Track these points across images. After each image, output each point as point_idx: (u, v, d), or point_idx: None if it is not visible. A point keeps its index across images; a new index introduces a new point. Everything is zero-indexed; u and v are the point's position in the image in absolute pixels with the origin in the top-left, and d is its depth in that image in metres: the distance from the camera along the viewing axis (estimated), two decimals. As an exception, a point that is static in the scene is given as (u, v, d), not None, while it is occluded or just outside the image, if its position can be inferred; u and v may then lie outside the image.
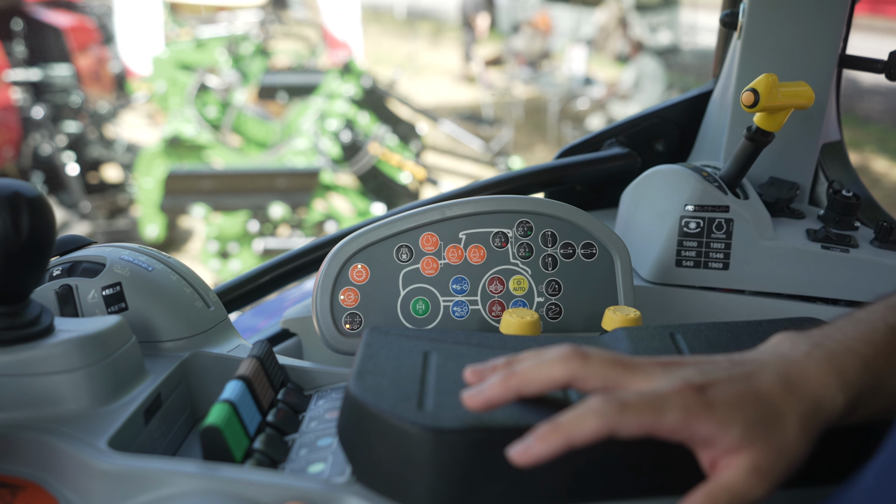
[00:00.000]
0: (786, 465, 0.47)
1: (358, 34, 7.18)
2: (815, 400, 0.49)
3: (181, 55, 5.39)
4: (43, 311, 0.59)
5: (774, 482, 0.47)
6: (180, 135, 4.89)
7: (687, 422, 0.47)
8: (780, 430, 0.47)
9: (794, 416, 0.48)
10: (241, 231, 4.53)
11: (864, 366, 0.50)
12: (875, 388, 0.50)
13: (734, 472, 0.47)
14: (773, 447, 0.47)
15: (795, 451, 0.48)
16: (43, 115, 5.18)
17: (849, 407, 0.49)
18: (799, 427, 0.48)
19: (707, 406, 0.47)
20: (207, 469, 0.53)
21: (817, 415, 0.48)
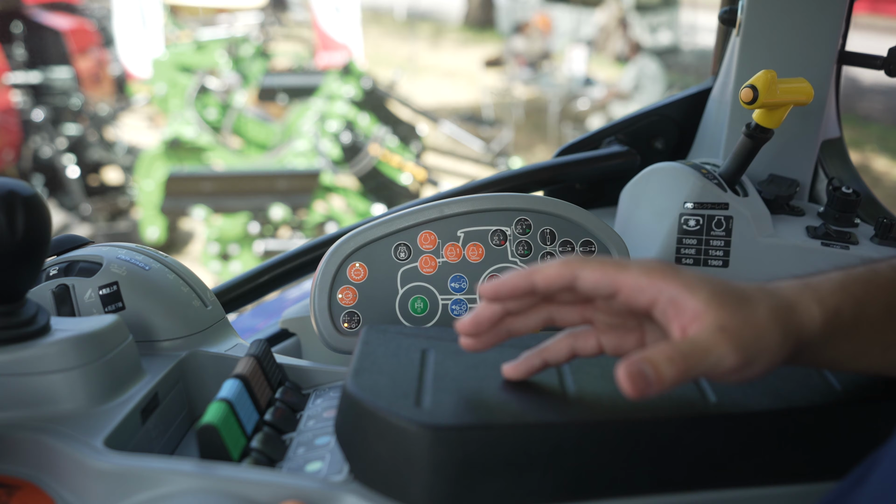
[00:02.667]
0: (756, 339, 0.47)
1: (358, 35, 7.17)
2: (788, 301, 0.49)
3: (181, 57, 5.39)
4: (39, 311, 0.59)
5: (744, 351, 0.47)
6: (180, 137, 4.89)
7: (652, 281, 0.48)
8: (749, 307, 0.48)
9: (765, 305, 0.48)
10: (242, 233, 4.53)
11: (841, 287, 0.50)
12: (856, 314, 0.50)
13: (700, 330, 0.47)
14: (741, 316, 0.47)
15: (768, 333, 0.48)
16: (43, 117, 5.18)
17: (828, 325, 0.49)
18: (770, 315, 0.48)
19: (675, 271, 0.49)
20: (204, 468, 0.53)
21: (791, 315, 0.49)
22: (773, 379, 0.56)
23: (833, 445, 0.54)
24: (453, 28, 14.74)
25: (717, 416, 0.52)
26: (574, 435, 0.51)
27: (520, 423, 0.50)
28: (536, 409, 0.52)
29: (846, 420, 0.54)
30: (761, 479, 0.54)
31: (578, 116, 8.11)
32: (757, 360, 0.48)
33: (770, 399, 0.54)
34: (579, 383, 0.56)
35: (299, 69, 6.02)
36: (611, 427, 0.51)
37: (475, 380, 0.56)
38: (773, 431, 0.53)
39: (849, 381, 0.56)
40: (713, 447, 0.52)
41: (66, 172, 5.19)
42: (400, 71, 6.06)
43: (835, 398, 0.54)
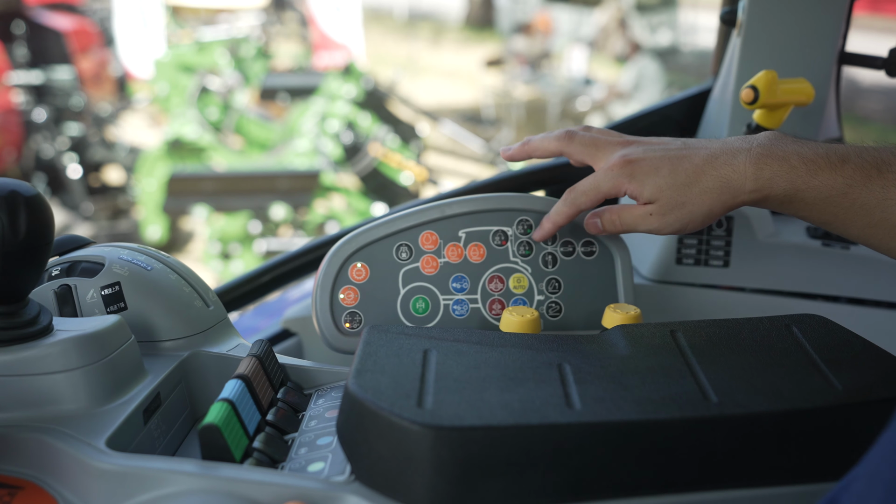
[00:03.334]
0: (681, 214, 0.68)
1: (359, 35, 7.17)
2: (725, 179, 0.66)
3: (182, 57, 5.39)
4: (41, 311, 0.59)
5: (667, 222, 0.69)
6: (182, 137, 4.89)
7: (618, 186, 0.70)
8: (684, 193, 0.67)
9: (701, 188, 0.67)
10: (243, 232, 4.53)
11: (786, 173, 0.65)
12: (791, 194, 0.65)
13: (635, 208, 0.71)
14: (672, 203, 0.68)
15: (696, 208, 0.68)
16: (45, 117, 5.19)
17: (757, 195, 0.66)
18: (703, 195, 0.67)
19: (630, 175, 0.69)
20: (206, 468, 0.53)
21: (725, 189, 0.66)
22: (773, 379, 0.57)
23: (834, 446, 0.54)
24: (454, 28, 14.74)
25: (718, 417, 0.52)
26: (576, 435, 0.51)
27: (521, 424, 0.50)
28: (538, 409, 0.52)
29: (847, 421, 0.54)
30: (762, 479, 0.54)
31: (579, 116, 8.11)
32: (671, 226, 0.69)
33: (771, 400, 0.54)
34: (580, 384, 0.56)
35: (300, 69, 6.02)
36: (612, 428, 0.51)
37: (477, 380, 0.56)
38: (775, 432, 0.53)
39: (850, 382, 0.56)
40: (714, 448, 0.53)
41: (68, 172, 5.19)
42: (400, 71, 6.06)
43: (836, 399, 0.54)
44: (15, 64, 5.25)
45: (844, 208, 0.64)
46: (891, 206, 0.62)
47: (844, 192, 0.63)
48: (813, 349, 0.61)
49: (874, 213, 0.63)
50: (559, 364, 0.59)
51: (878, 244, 0.66)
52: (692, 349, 0.61)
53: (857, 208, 0.64)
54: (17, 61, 5.27)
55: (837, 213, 0.65)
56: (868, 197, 0.63)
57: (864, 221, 0.64)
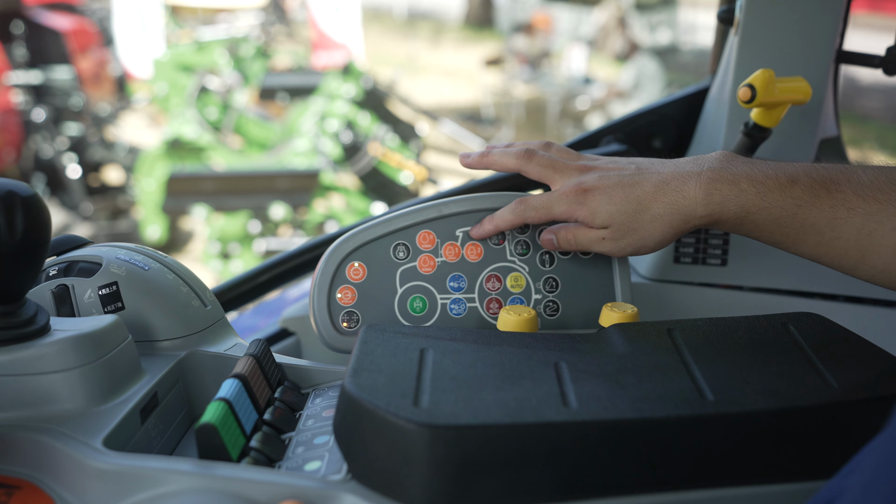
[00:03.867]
0: (634, 239, 0.71)
1: (358, 35, 7.17)
2: (676, 206, 0.68)
3: (182, 57, 5.39)
4: (38, 311, 0.59)
5: (620, 246, 0.72)
6: (181, 137, 4.89)
7: (570, 212, 0.72)
8: (636, 220, 0.70)
9: (652, 214, 0.69)
10: (243, 232, 4.53)
11: (736, 197, 0.66)
12: (741, 217, 0.67)
13: (590, 231, 0.73)
14: (624, 229, 0.70)
15: (647, 234, 0.70)
16: (44, 117, 5.18)
17: (709, 219, 0.68)
18: (654, 221, 0.69)
19: (583, 203, 0.71)
20: (203, 467, 0.53)
21: (676, 215, 0.68)
22: (770, 378, 0.57)
23: (830, 444, 0.54)
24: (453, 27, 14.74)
25: (714, 415, 0.52)
26: (572, 434, 0.51)
27: (518, 423, 0.50)
28: (534, 408, 0.52)
29: (843, 419, 0.54)
30: (758, 477, 0.54)
31: (578, 115, 8.11)
32: (629, 246, 0.72)
33: (767, 398, 0.54)
34: (577, 382, 0.56)
35: (300, 69, 6.02)
36: (608, 426, 0.51)
37: (473, 379, 0.56)
38: (771, 430, 0.53)
39: (846, 380, 0.56)
40: (710, 446, 0.53)
41: (67, 172, 5.19)
42: (400, 70, 6.06)
43: (831, 397, 0.54)
44: (14, 64, 5.25)
45: (794, 229, 0.65)
46: (840, 224, 0.63)
47: (794, 213, 0.65)
48: (809, 347, 0.61)
49: (824, 233, 0.64)
50: (556, 363, 0.59)
51: (829, 262, 0.66)
52: (689, 348, 0.61)
53: (807, 228, 0.65)
54: (16, 61, 5.27)
55: (788, 234, 0.66)
56: (817, 217, 0.64)
57: (814, 241, 0.65)
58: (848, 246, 0.64)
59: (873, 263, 0.63)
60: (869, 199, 0.63)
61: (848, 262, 0.65)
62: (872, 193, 0.63)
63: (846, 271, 0.67)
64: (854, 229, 0.63)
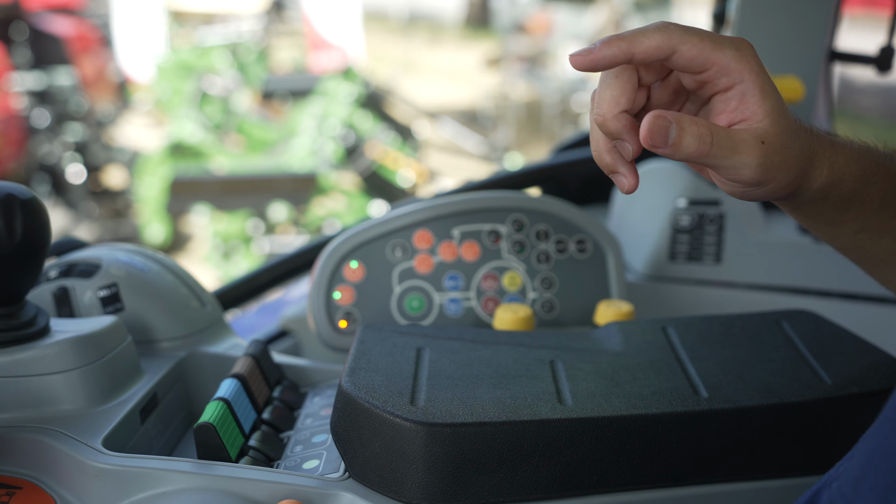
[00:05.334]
0: (778, 168, 0.49)
1: (359, 36, 7.17)
2: (812, 151, 0.51)
3: (183, 61, 5.41)
4: (39, 313, 0.60)
5: (765, 173, 0.48)
6: (183, 139, 4.90)
7: (740, 67, 0.48)
8: (792, 138, 0.49)
9: (800, 144, 0.50)
10: (244, 233, 4.54)
11: (856, 159, 0.51)
12: (855, 189, 0.52)
13: (744, 131, 0.48)
14: (782, 141, 0.49)
15: (787, 169, 0.50)
16: (46, 121, 5.20)
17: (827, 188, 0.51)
18: (799, 155, 0.50)
19: (759, 64, 0.49)
20: (202, 467, 0.54)
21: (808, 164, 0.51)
22: (763, 374, 0.57)
23: (823, 439, 0.54)
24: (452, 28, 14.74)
25: (708, 411, 0.53)
26: (567, 431, 0.51)
27: (513, 420, 0.51)
28: (530, 405, 0.53)
29: (836, 414, 0.55)
30: (752, 473, 0.54)
31: (576, 115, 8.10)
32: (765, 186, 0.49)
33: (761, 395, 0.54)
34: (572, 380, 0.56)
35: (300, 71, 6.03)
36: (603, 423, 0.52)
37: (470, 377, 0.56)
38: (764, 426, 0.54)
39: (838, 376, 0.57)
40: (705, 442, 0.53)
41: (70, 175, 5.20)
42: (399, 71, 6.06)
43: (824, 393, 0.55)
44: (16, 68, 5.26)
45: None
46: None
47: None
48: (803, 344, 0.62)
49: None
50: (551, 361, 0.59)
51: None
52: (683, 345, 0.62)
53: None
54: (18, 65, 5.28)
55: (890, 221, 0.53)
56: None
57: None
58: None
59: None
60: None
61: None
62: None
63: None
64: None
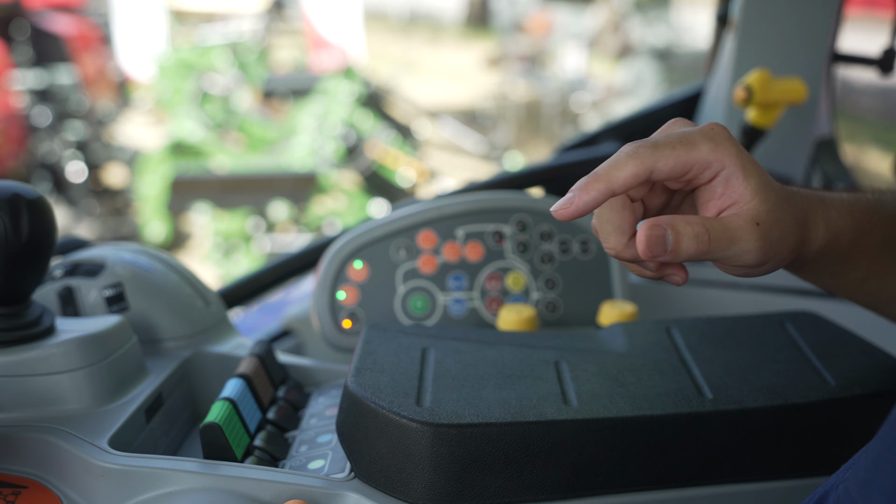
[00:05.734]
0: (779, 242, 0.48)
1: (360, 35, 7.17)
2: (806, 213, 0.50)
3: (184, 60, 5.41)
4: (44, 312, 0.60)
5: (767, 251, 0.48)
6: (183, 138, 4.91)
7: (718, 156, 0.47)
8: (783, 210, 0.48)
9: (792, 212, 0.49)
10: (244, 232, 4.55)
11: (849, 212, 0.51)
12: (854, 240, 0.52)
13: (737, 217, 0.47)
14: (776, 215, 0.48)
15: (787, 240, 0.49)
16: (47, 119, 5.20)
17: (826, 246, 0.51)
18: (794, 223, 0.49)
19: (736, 146, 0.47)
20: (208, 467, 0.54)
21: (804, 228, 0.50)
22: (767, 375, 0.57)
23: (827, 441, 0.55)
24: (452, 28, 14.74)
25: (712, 412, 0.53)
26: (572, 432, 0.51)
27: (519, 421, 0.51)
28: (535, 406, 0.53)
29: (839, 415, 0.55)
30: (757, 474, 0.54)
31: (576, 115, 8.11)
32: (769, 262, 0.49)
33: (765, 396, 0.55)
34: (577, 381, 0.56)
35: (301, 70, 6.03)
36: (608, 424, 0.52)
37: (475, 378, 0.56)
38: (769, 428, 0.54)
39: (842, 378, 0.57)
40: (709, 443, 0.53)
41: (71, 174, 5.20)
42: (400, 70, 6.06)
43: (828, 394, 0.55)
44: (17, 66, 5.26)
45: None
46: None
47: None
48: (807, 345, 0.62)
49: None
50: (556, 361, 0.60)
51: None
52: (687, 346, 0.62)
53: None
54: (19, 64, 5.28)
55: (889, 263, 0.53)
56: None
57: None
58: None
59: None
60: None
61: None
62: None
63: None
64: None
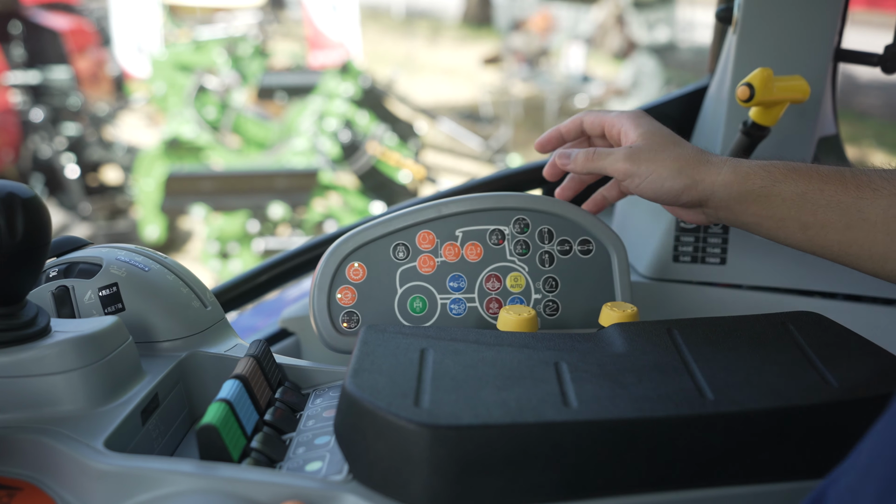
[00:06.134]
0: (647, 161, 0.71)
1: (356, 33, 7.16)
2: (703, 157, 0.71)
3: (180, 57, 5.39)
4: (39, 313, 0.59)
5: (632, 165, 0.72)
6: (179, 136, 4.89)
7: (620, 116, 0.77)
8: (660, 147, 0.72)
9: (675, 151, 0.72)
10: (241, 231, 4.53)
11: (762, 166, 0.68)
12: (767, 185, 0.67)
13: (621, 146, 0.74)
14: (648, 147, 0.72)
15: (659, 163, 0.71)
16: (42, 117, 5.18)
17: (736, 185, 0.68)
18: (673, 156, 0.71)
19: (637, 116, 0.75)
20: (204, 468, 0.53)
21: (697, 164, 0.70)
22: (769, 377, 0.57)
23: (830, 443, 0.54)
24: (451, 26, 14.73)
25: (714, 414, 0.52)
26: (572, 434, 0.51)
27: (518, 423, 0.51)
28: (535, 407, 0.52)
29: (843, 417, 0.54)
30: (759, 476, 0.54)
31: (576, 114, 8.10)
32: (638, 175, 0.71)
33: (767, 397, 0.54)
34: (577, 382, 0.56)
35: (298, 68, 6.02)
36: (609, 426, 0.51)
37: (474, 379, 0.56)
38: (771, 429, 0.53)
39: (845, 379, 0.57)
40: (711, 445, 0.53)
41: (66, 172, 5.19)
42: (398, 69, 6.06)
43: (831, 396, 0.55)
44: (12, 64, 5.25)
45: (821, 206, 0.64)
46: (866, 204, 0.63)
47: (820, 189, 0.64)
48: (809, 346, 0.61)
49: (850, 212, 0.63)
50: (556, 362, 0.59)
51: (858, 252, 0.64)
52: (688, 347, 0.62)
53: (833, 206, 0.64)
54: (14, 61, 5.27)
55: (815, 212, 0.65)
56: (843, 195, 0.64)
57: (842, 222, 0.64)
58: (875, 229, 0.62)
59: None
60: (894, 181, 0.62)
61: (876, 249, 0.63)
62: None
63: (875, 265, 0.64)
64: (881, 210, 0.62)
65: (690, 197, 0.70)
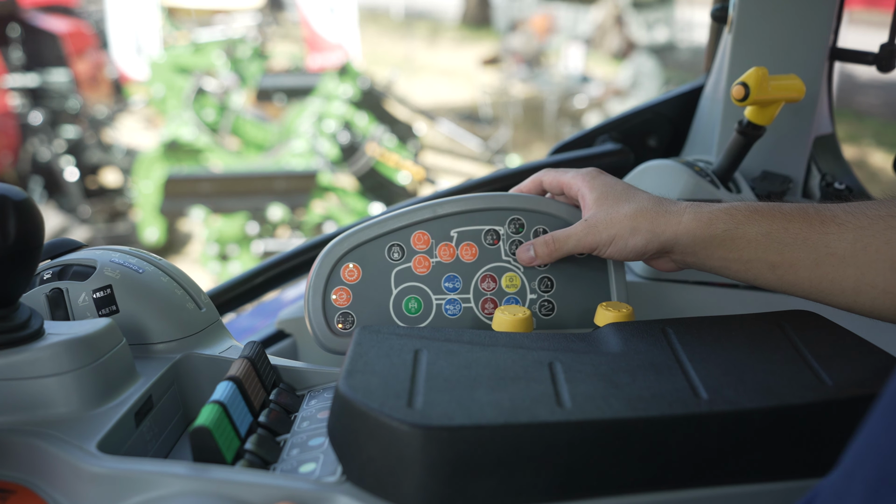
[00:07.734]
0: (607, 229, 0.71)
1: (355, 35, 7.16)
2: (662, 207, 0.70)
3: (179, 59, 5.39)
4: (32, 315, 0.59)
5: (595, 238, 0.72)
6: (178, 138, 4.89)
7: (576, 176, 0.76)
8: (617, 206, 0.71)
9: (632, 206, 0.71)
10: (241, 233, 4.53)
11: (725, 209, 0.67)
12: (730, 228, 0.66)
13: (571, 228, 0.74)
14: (605, 212, 0.71)
15: (619, 226, 0.70)
16: (41, 120, 5.18)
17: (699, 231, 0.67)
18: (631, 213, 0.70)
19: (593, 176, 0.75)
20: (197, 470, 0.53)
21: (657, 216, 0.69)
22: (764, 376, 0.57)
23: (824, 441, 0.54)
24: (450, 27, 14.74)
25: (708, 413, 0.52)
26: (566, 434, 0.51)
27: (512, 423, 0.50)
28: (528, 408, 0.52)
29: (837, 416, 0.54)
30: (754, 476, 0.54)
31: (575, 114, 8.11)
32: (603, 244, 0.72)
33: (762, 396, 0.54)
34: (571, 382, 0.56)
35: (297, 70, 6.03)
36: (602, 426, 0.51)
37: (468, 379, 0.56)
38: (765, 429, 0.53)
39: (840, 378, 0.56)
40: (705, 445, 0.53)
41: (65, 175, 5.19)
42: (397, 70, 6.06)
43: (826, 394, 0.54)
44: (10, 67, 5.25)
45: (787, 244, 0.64)
46: (832, 240, 0.63)
47: (785, 227, 0.64)
48: (804, 345, 0.61)
49: (818, 248, 0.63)
50: (550, 363, 0.59)
51: (829, 287, 0.64)
52: (683, 346, 0.61)
53: (799, 244, 0.64)
54: (12, 64, 5.27)
55: (782, 251, 0.65)
56: (808, 232, 0.64)
57: (810, 259, 0.64)
58: (844, 264, 0.62)
59: (873, 282, 0.62)
60: (858, 216, 0.62)
61: (847, 283, 0.63)
62: (860, 210, 0.62)
63: (848, 299, 0.64)
64: (848, 244, 0.62)
65: (655, 248, 0.70)
